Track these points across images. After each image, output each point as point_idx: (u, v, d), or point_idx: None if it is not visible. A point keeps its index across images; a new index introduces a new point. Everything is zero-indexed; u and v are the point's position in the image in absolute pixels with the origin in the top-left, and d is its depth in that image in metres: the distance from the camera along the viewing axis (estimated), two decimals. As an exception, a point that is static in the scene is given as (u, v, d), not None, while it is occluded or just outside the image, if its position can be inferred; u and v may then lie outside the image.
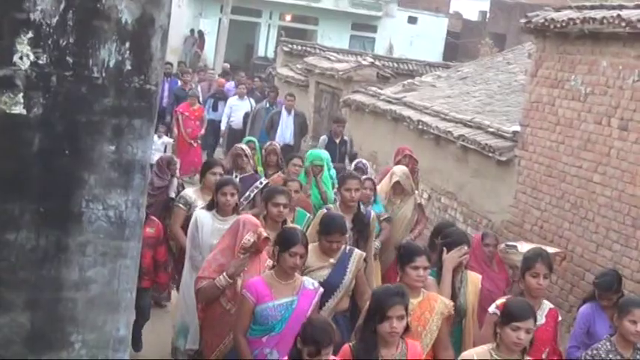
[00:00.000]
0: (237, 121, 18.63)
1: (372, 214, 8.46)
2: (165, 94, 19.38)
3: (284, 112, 16.57)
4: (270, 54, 35.72)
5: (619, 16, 8.96)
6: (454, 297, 6.59)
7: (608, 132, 9.30)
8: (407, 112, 14.41)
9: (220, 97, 20.04)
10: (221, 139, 19.41)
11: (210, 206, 7.81)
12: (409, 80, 17.92)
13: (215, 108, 19.32)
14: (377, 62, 19.18)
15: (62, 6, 3.78)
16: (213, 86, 21.75)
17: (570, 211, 9.85)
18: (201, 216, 7.67)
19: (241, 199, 9.20)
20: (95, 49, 3.91)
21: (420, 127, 13.55)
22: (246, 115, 18.35)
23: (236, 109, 18.74)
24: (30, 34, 3.77)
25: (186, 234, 8.16)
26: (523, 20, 11.09)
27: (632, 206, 8.83)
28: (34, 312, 3.97)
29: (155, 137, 16.50)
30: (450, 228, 7.81)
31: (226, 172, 9.33)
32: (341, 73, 17.86)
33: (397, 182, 9.72)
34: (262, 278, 6.07)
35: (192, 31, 35.68)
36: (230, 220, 7.37)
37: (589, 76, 9.73)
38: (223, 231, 7.19)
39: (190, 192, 8.82)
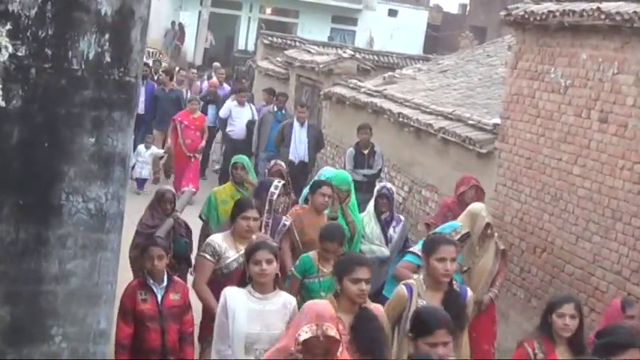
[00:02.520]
0: (237, 130, 16.60)
1: (470, 293, 6.36)
2: (142, 99, 16.75)
3: (296, 125, 14.46)
4: (251, 47, 35.64)
5: (598, 8, 8.99)
6: None
7: (588, 124, 9.33)
8: (387, 104, 14.41)
9: (212, 99, 18.09)
10: (213, 150, 17.95)
11: (243, 281, 5.97)
12: (389, 73, 17.92)
13: (204, 112, 17.18)
14: (357, 55, 19.16)
15: (41, -3, 3.77)
16: (193, 87, 20.21)
17: (550, 203, 9.88)
18: (232, 296, 5.78)
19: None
20: (74, 40, 3.90)
21: (401, 119, 13.55)
22: (250, 123, 16.40)
23: (236, 117, 16.67)
24: (8, 26, 3.75)
25: (213, 291, 6.76)
26: (503, 13, 11.10)
27: (612, 198, 8.87)
28: (14, 305, 3.96)
29: (142, 148, 15.67)
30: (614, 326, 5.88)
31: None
32: (322, 65, 17.83)
33: (488, 224, 8.08)
34: None
35: (173, 23, 35.57)
36: (273, 299, 5.81)
37: (569, 68, 9.75)
38: (264, 315, 5.70)
39: (219, 239, 7.05)
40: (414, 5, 42.34)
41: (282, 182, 8.28)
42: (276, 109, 15.99)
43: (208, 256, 6.89)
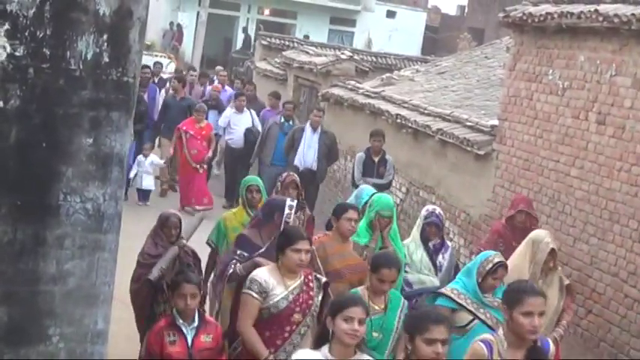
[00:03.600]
0: (236, 139, 15.73)
1: (552, 347, 5.52)
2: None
3: (308, 130, 13.77)
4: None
5: (596, 10, 9.00)
6: None
7: (586, 126, 9.34)
8: (385, 106, 14.42)
9: (214, 105, 16.65)
10: (215, 162, 17.00)
11: (322, 339, 4.99)
12: (388, 74, 17.93)
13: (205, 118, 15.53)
14: (355, 56, 19.16)
15: (39, -3, 3.77)
16: (194, 91, 18.63)
17: (548, 204, 9.89)
18: None
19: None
20: (73, 41, 3.89)
21: (399, 121, 13.56)
22: (248, 132, 15.58)
23: (234, 125, 15.78)
24: (6, 26, 3.75)
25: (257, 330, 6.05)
26: (501, 14, 11.11)
27: (609, 200, 8.87)
28: (12, 306, 3.95)
29: (141, 158, 14.89)
30: None
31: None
32: (320, 67, 17.83)
33: (553, 250, 7.48)
34: None
35: (171, 24, 35.58)
36: None
37: (567, 70, 9.76)
38: None
39: (265, 274, 6.14)
40: (412, 7, 42.40)
41: (296, 201, 7.48)
42: (283, 119, 14.87)
43: (255, 294, 6.02)
